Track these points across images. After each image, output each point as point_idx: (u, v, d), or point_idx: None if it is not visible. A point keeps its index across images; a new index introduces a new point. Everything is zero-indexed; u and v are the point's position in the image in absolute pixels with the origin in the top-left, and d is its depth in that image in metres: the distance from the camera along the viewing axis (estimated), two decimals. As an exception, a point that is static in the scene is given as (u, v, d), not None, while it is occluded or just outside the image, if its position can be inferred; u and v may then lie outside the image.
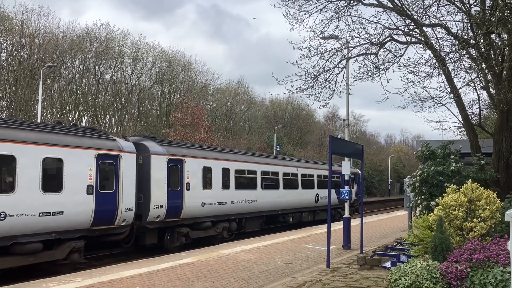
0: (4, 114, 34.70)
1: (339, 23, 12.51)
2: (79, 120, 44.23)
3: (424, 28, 12.16)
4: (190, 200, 17.30)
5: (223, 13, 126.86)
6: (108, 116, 48.31)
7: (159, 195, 15.99)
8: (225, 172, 19.68)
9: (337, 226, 19.34)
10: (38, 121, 25.70)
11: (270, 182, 23.39)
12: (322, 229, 21.14)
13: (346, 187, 15.73)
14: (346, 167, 15.49)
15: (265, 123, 67.08)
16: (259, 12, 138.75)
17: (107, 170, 13.96)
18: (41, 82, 26.82)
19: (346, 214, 15.97)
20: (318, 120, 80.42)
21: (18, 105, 34.81)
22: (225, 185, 19.63)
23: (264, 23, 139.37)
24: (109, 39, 46.46)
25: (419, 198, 11.26)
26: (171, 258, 12.85)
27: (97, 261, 14.79)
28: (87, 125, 41.85)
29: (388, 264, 8.66)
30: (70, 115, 43.30)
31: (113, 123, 48.13)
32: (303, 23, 12.75)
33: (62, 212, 12.35)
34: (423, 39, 11.78)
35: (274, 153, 45.46)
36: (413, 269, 6.32)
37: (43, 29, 40.58)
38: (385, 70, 11.72)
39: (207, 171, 18.55)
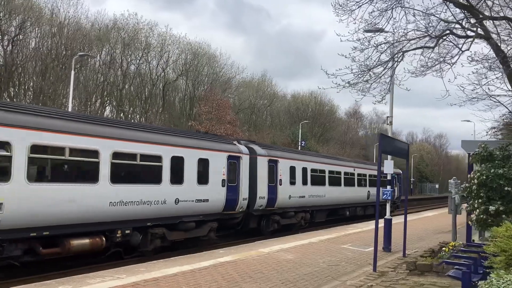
0: (33, 102, 34.74)
1: (392, 14, 11.86)
2: (103, 110, 44.18)
3: (485, 22, 11.44)
4: (282, 193, 20.71)
5: (243, 3, 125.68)
6: (132, 108, 48.24)
7: (262, 189, 19.39)
8: (304, 171, 23.27)
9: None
10: (69, 110, 25.68)
11: (335, 180, 26.89)
12: (356, 229, 20.88)
13: (388, 187, 15.12)
14: (388, 166, 14.92)
15: (287, 118, 66.30)
16: (280, 2, 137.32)
17: (232, 168, 17.59)
18: (72, 72, 26.65)
19: (388, 215, 15.39)
20: (340, 116, 79.52)
21: (47, 94, 34.88)
22: (304, 181, 23.15)
23: (284, 15, 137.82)
24: (136, 30, 46.25)
25: (476, 202, 10.60)
26: (211, 255, 12.48)
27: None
28: (110, 115, 42.33)
29: (452, 273, 8.07)
30: (94, 107, 43.21)
31: (137, 114, 48.04)
32: (352, 14, 12.06)
33: (208, 200, 15.92)
34: (483, 33, 11.08)
35: (299, 148, 44.80)
36: (509, 285, 5.62)
37: (72, 19, 40.67)
38: (451, 64, 11.03)
39: (292, 170, 22.04)
